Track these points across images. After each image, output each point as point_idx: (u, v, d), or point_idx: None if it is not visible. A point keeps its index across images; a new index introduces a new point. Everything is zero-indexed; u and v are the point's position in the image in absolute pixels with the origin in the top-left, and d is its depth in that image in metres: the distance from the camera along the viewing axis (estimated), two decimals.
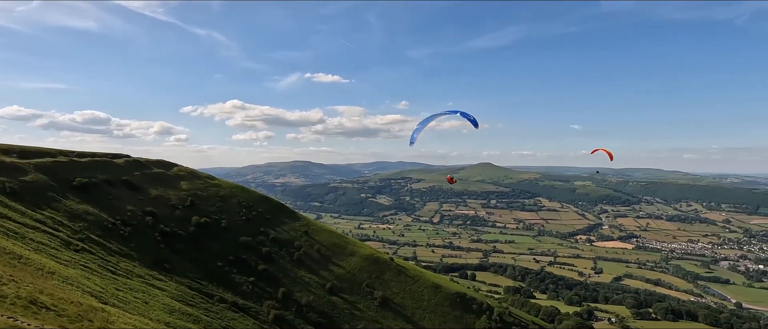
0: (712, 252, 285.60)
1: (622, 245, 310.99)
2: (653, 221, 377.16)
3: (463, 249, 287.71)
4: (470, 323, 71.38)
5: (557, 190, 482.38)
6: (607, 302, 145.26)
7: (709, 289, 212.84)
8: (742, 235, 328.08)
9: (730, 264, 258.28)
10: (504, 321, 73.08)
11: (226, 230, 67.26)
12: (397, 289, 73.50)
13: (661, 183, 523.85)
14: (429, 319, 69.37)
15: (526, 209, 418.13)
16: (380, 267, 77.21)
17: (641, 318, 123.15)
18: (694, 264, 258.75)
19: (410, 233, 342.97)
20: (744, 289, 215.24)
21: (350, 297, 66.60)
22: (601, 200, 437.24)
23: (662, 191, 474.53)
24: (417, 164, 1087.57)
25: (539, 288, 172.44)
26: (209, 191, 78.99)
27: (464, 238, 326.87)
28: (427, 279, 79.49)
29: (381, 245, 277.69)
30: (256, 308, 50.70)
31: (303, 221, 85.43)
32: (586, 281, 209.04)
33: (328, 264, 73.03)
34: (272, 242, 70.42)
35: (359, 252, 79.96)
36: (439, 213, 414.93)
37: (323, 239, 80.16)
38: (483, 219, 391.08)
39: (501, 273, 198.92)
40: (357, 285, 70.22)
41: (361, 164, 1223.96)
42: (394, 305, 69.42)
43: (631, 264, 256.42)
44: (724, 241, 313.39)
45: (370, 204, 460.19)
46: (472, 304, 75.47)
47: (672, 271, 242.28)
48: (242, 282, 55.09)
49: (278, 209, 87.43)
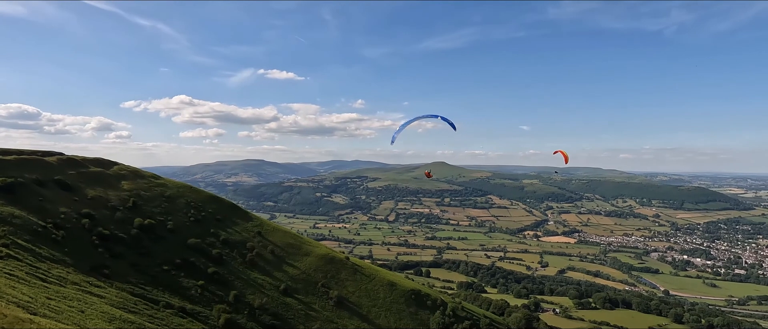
0: (644, 245, 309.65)
1: (565, 239, 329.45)
2: (593, 216, 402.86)
3: (418, 247, 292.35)
4: (424, 319, 72.72)
5: (507, 188, 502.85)
6: (552, 294, 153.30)
7: (641, 279, 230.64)
8: (669, 228, 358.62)
9: (659, 255, 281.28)
10: (457, 316, 75.10)
11: (172, 232, 63.98)
12: (352, 288, 73.37)
13: (600, 181, 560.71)
14: (384, 317, 69.88)
15: (478, 206, 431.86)
16: (336, 267, 76.72)
17: (582, 308, 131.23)
18: (629, 255, 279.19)
19: (366, 231, 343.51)
20: (671, 278, 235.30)
21: (305, 297, 65.65)
22: (547, 198, 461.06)
23: (601, 188, 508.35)
24: (373, 162, 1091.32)
25: (490, 283, 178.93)
26: (154, 191, 74.76)
27: (419, 236, 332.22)
28: (383, 277, 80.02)
29: (337, 244, 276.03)
30: (205, 312, 48.67)
31: (256, 222, 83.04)
32: (534, 274, 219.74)
33: (283, 264, 71.53)
34: (223, 244, 67.88)
35: (314, 252, 78.98)
36: (394, 212, 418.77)
37: (277, 240, 78.38)
38: (437, 217, 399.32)
39: (454, 269, 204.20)
40: (312, 286, 69.34)
41: (316, 162, 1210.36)
42: (350, 304, 69.27)
43: (574, 257, 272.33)
44: (654, 234, 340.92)
45: (325, 203, 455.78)
46: (426, 301, 76.89)
47: (609, 263, 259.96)
48: (190, 286, 52.66)
49: (229, 209, 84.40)
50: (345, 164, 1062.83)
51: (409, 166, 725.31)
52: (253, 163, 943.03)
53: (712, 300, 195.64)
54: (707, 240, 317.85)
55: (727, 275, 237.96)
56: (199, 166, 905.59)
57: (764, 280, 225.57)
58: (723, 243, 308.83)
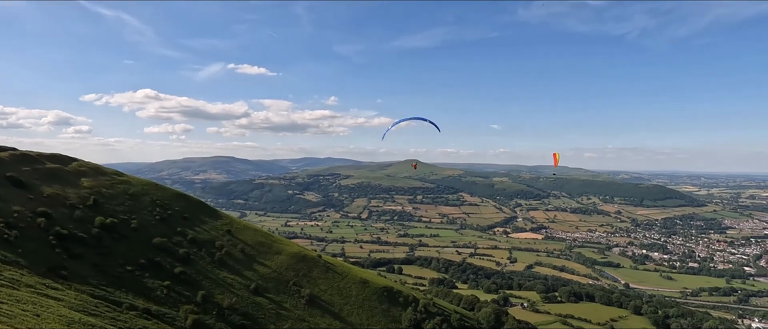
0: (606, 240, 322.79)
1: (533, 235, 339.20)
2: (560, 213, 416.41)
3: (391, 244, 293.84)
4: (396, 315, 73.27)
5: (478, 186, 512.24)
6: (520, 288, 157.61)
7: (604, 273, 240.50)
8: (630, 224, 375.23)
9: (621, 250, 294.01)
10: (428, 312, 76.05)
11: (136, 231, 61.66)
12: (325, 286, 72.99)
13: (566, 179, 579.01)
14: (357, 314, 69.94)
15: (449, 204, 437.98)
16: (308, 265, 76.08)
17: (549, 302, 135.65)
18: (592, 250, 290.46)
19: (339, 229, 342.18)
20: (631, 271, 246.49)
21: (276, 296, 64.80)
22: (516, 195, 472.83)
23: (567, 186, 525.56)
24: (346, 160, 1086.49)
25: (461, 279, 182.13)
26: (116, 188, 71.80)
27: (392, 233, 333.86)
28: (355, 275, 80.00)
29: (309, 242, 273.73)
30: (171, 314, 47.24)
31: (225, 220, 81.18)
32: (503, 270, 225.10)
33: (253, 263, 70.30)
34: (190, 243, 66.01)
35: (286, 250, 78.03)
36: (367, 209, 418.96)
37: (247, 238, 76.91)
38: (410, 214, 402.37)
39: (426, 265, 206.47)
40: (283, 284, 68.51)
41: (288, 160, 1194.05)
42: (322, 302, 68.91)
43: (541, 253, 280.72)
44: (615, 230, 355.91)
45: (297, 201, 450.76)
46: (398, 297, 77.45)
47: (574, 258, 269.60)
48: (156, 287, 50.96)
49: (197, 207, 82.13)
50: (318, 162, 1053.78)
51: (383, 164, 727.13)
52: (222, 160, 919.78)
53: (668, 292, 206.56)
54: (664, 235, 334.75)
55: (681, 268, 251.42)
56: (165, 162, 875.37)
57: (715, 272, 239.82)
58: (678, 238, 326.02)
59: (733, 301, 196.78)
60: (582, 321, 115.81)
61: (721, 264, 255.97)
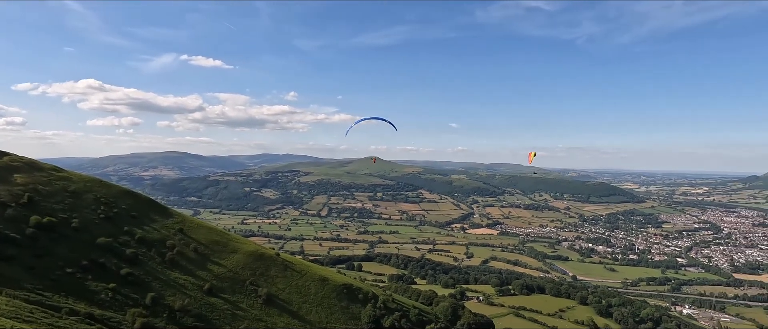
0: (556, 235, 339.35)
1: (489, 231, 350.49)
2: (514, 209, 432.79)
3: (351, 241, 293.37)
4: (356, 313, 73.33)
5: (437, 183, 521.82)
6: (476, 282, 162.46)
7: (554, 266, 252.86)
8: (577, 220, 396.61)
9: (569, 244, 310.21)
10: (387, 308, 76.70)
11: (78, 231, 57.62)
12: (283, 285, 71.73)
13: (520, 177, 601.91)
14: (316, 312, 69.32)
15: (409, 201, 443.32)
16: (265, 263, 74.40)
17: (503, 295, 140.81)
18: (544, 245, 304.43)
19: (297, 227, 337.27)
20: (578, 264, 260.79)
21: (232, 296, 62.91)
22: (473, 192, 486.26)
23: (521, 183, 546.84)
24: (305, 157, 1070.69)
25: (420, 274, 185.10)
26: (55, 185, 66.77)
27: (352, 230, 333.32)
28: (315, 273, 79.20)
29: (267, 240, 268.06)
30: (117, 318, 44.64)
31: (177, 218, 77.65)
32: (460, 265, 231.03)
33: (207, 263, 67.80)
34: (139, 243, 62.59)
35: (242, 249, 75.87)
36: (327, 206, 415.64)
37: (201, 237, 74.04)
38: (370, 211, 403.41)
39: (386, 262, 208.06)
40: (240, 284, 66.62)
41: (245, 156, 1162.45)
42: (280, 301, 67.70)
43: (496, 248, 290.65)
44: (565, 225, 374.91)
45: (255, 198, 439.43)
46: (358, 294, 77.53)
47: (527, 252, 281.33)
48: (100, 290, 47.91)
49: (147, 205, 77.99)
50: (276, 158, 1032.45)
51: (343, 160, 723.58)
52: (174, 155, 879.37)
53: (611, 283, 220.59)
54: (608, 230, 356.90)
55: (623, 260, 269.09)
56: (111, 158, 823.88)
57: (652, 264, 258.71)
58: (621, 232, 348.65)
59: (667, 290, 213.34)
60: (533, 312, 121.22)
61: (658, 256, 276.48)
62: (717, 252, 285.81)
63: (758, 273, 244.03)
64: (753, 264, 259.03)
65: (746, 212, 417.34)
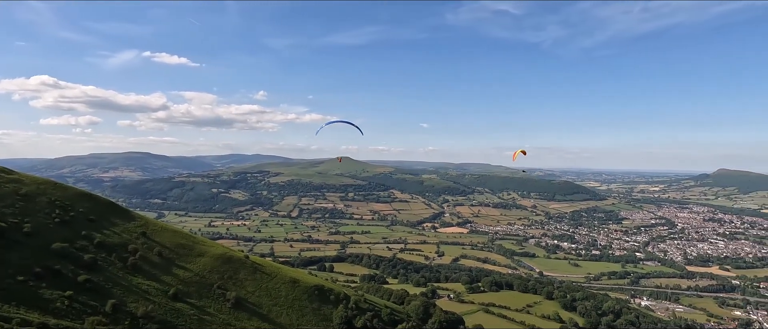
0: (524, 232, 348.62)
1: (459, 230, 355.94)
2: (483, 208, 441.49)
3: (322, 242, 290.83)
4: (328, 314, 72.78)
5: (408, 183, 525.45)
6: (447, 281, 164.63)
7: (521, 262, 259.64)
8: (544, 217, 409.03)
9: (536, 241, 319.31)
10: (359, 309, 76.57)
11: (30, 236, 54.39)
12: (252, 288, 70.27)
13: (489, 176, 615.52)
14: (286, 315, 68.32)
15: (380, 201, 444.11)
16: (234, 266, 72.66)
17: (473, 292, 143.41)
18: (512, 242, 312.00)
19: (267, 228, 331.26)
20: (544, 260, 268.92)
21: (199, 301, 61.05)
22: (444, 192, 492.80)
23: (490, 182, 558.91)
24: (275, 157, 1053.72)
25: (392, 274, 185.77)
26: (4, 188, 62.82)
27: (323, 231, 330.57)
28: (285, 275, 78.05)
29: (235, 243, 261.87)
30: (75, 327, 42.45)
31: (140, 222, 74.64)
32: (431, 264, 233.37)
33: (172, 267, 65.51)
34: (98, 248, 59.73)
35: (210, 252, 73.79)
36: (297, 207, 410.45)
37: (166, 241, 71.47)
38: (341, 212, 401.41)
39: (357, 262, 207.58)
40: (207, 288, 64.75)
41: (212, 156, 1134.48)
42: (250, 304, 66.31)
43: (467, 246, 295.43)
44: (532, 223, 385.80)
45: (223, 200, 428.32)
46: (329, 295, 76.98)
47: (496, 250, 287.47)
48: (55, 298, 45.38)
49: (107, 208, 74.57)
50: (245, 159, 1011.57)
51: (314, 161, 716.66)
52: (136, 156, 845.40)
53: (575, 278, 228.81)
54: (572, 227, 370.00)
55: (586, 256, 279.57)
56: (67, 159, 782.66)
57: (613, 258, 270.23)
58: (584, 229, 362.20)
59: (626, 283, 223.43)
60: (502, 308, 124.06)
61: (618, 251, 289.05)
62: (672, 246, 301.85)
63: (708, 265, 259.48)
64: (704, 256, 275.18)
65: (698, 208, 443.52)
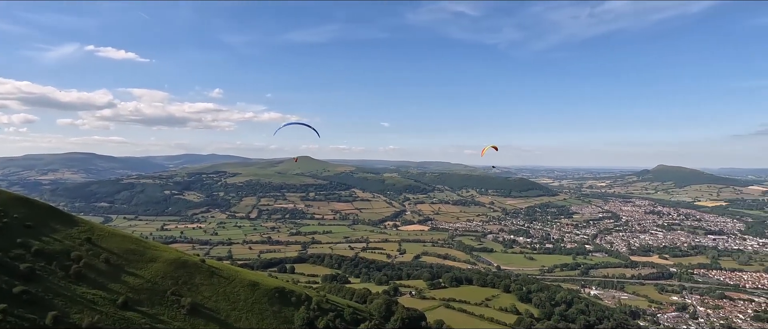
0: (482, 228, 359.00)
1: (420, 227, 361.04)
2: (443, 205, 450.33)
3: (283, 243, 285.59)
4: (289, 316, 71.47)
5: (369, 181, 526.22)
6: (409, 278, 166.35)
7: (480, 258, 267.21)
8: (501, 213, 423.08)
9: (494, 237, 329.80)
10: (322, 309, 75.78)
11: None
12: (209, 293, 67.69)
13: (449, 174, 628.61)
14: (246, 319, 66.42)
15: (342, 200, 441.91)
16: (189, 271, 69.65)
17: (434, 288, 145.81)
18: (471, 238, 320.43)
19: (225, 231, 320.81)
20: (502, 255, 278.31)
21: (151, 309, 58.04)
22: (405, 190, 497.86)
23: (450, 180, 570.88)
24: (232, 157, 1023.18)
25: (354, 273, 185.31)
26: None
27: (283, 232, 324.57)
28: (244, 278, 75.83)
29: (191, 246, 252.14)
30: None
31: (84, 227, 69.85)
32: (393, 262, 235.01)
33: (121, 274, 61.85)
34: (36, 256, 55.27)
35: (162, 257, 70.31)
36: (256, 208, 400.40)
37: (113, 246, 67.34)
38: (302, 212, 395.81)
39: (319, 262, 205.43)
40: (160, 295, 61.66)
41: (164, 156, 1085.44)
42: (206, 310, 63.84)
43: (428, 243, 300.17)
44: (490, 219, 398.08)
45: (176, 202, 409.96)
46: (290, 297, 75.64)
47: (456, 246, 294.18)
48: None
49: (46, 213, 69.22)
50: (200, 159, 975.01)
51: (273, 160, 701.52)
52: (79, 157, 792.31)
53: (530, 271, 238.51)
54: (527, 222, 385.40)
55: (540, 249, 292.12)
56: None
57: (565, 251, 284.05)
58: (538, 223, 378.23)
59: (577, 274, 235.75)
60: (463, 303, 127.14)
61: (569, 244, 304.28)
62: (617, 238, 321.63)
63: (649, 255, 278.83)
64: (646, 247, 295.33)
65: (640, 201, 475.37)
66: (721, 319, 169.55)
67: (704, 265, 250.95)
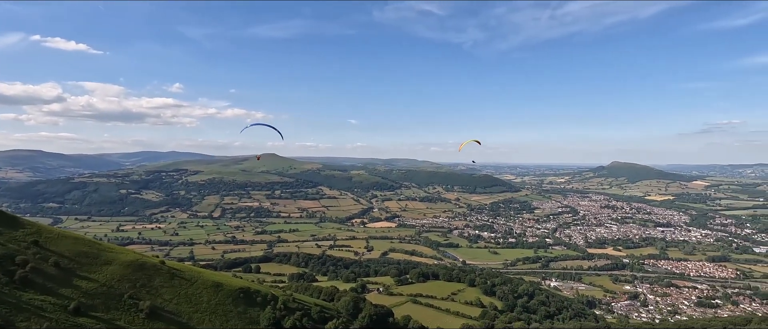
0: (448, 224, 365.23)
1: (388, 224, 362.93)
2: (410, 202, 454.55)
3: (247, 243, 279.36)
4: (255, 316, 70.10)
5: (337, 179, 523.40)
6: (376, 275, 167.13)
7: (446, 253, 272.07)
8: (466, 209, 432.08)
9: (459, 232, 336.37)
10: (288, 308, 74.82)
11: None
12: (170, 295, 65.26)
13: (415, 171, 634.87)
14: (209, 320, 64.56)
15: (309, 198, 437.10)
16: (147, 273, 66.86)
17: (401, 284, 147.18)
18: (437, 234, 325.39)
19: (186, 231, 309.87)
20: (467, 250, 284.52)
21: (106, 314, 55.30)
22: (373, 187, 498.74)
23: (417, 177, 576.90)
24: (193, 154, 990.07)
25: (321, 271, 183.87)
26: None
27: (248, 231, 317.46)
28: (207, 279, 73.63)
29: (149, 247, 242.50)
30: None
31: (30, 229, 65.54)
32: (361, 259, 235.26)
33: (73, 278, 58.52)
34: None
35: (118, 259, 67.09)
36: (220, 207, 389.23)
37: (64, 249, 63.58)
38: (268, 210, 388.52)
39: (285, 261, 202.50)
40: (116, 299, 58.84)
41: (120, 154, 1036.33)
42: (167, 313, 61.54)
43: (395, 240, 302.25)
44: (455, 215, 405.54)
45: (133, 201, 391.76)
46: (256, 297, 74.20)
47: (423, 242, 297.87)
48: None
49: None
50: (159, 156, 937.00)
51: (237, 158, 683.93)
52: (24, 154, 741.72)
53: (494, 264, 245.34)
54: (491, 217, 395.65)
55: (504, 243, 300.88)
56: None
57: (527, 245, 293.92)
58: (502, 219, 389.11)
59: (538, 267, 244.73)
60: (429, 298, 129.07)
61: (531, 238, 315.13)
62: (575, 232, 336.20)
63: (605, 247, 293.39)
64: (601, 239, 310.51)
65: (596, 196, 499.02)
66: (669, 306, 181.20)
67: (654, 256, 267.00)
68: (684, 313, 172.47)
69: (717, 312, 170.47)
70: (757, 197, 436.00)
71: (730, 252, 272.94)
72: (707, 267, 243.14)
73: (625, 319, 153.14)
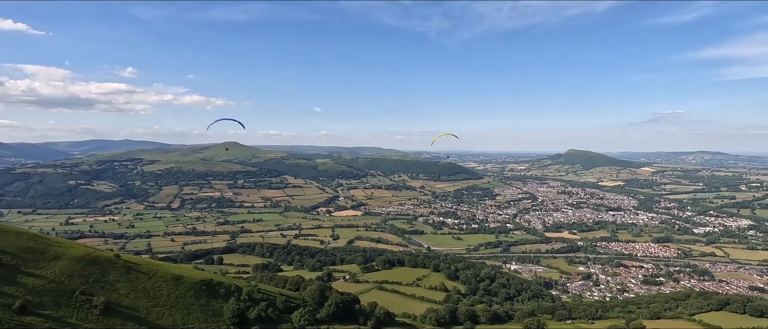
0: (413, 211, 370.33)
1: (353, 212, 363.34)
2: (376, 190, 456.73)
3: (209, 234, 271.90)
4: (218, 308, 68.58)
5: (301, 168, 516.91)
6: (343, 263, 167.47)
7: (412, 240, 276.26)
8: (431, 197, 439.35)
9: (424, 219, 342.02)
10: (253, 299, 73.69)
11: None
12: (126, 290, 62.55)
13: (381, 159, 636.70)
14: (169, 315, 62.54)
15: (273, 187, 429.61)
16: (101, 268, 63.68)
17: (368, 271, 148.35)
18: (403, 221, 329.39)
19: (143, 223, 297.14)
20: (432, 236, 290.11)
21: (56, 311, 52.34)
22: (338, 176, 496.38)
23: (382, 165, 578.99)
24: (149, 143, 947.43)
25: (286, 261, 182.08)
26: None
27: (210, 222, 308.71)
28: (166, 272, 71.08)
29: (103, 241, 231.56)
30: None
31: None
32: (327, 247, 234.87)
33: (18, 275, 54.84)
34: None
35: (68, 254, 63.42)
36: (179, 198, 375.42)
37: (6, 245, 59.36)
38: (230, 200, 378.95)
39: (249, 252, 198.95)
40: (67, 295, 55.74)
41: (67, 143, 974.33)
42: (123, 309, 59.02)
43: (361, 228, 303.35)
44: (420, 202, 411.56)
45: (83, 193, 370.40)
46: (219, 289, 72.51)
47: (388, 230, 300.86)
48: None
49: None
50: (111, 145, 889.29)
51: (196, 146, 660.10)
52: None
53: (458, 250, 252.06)
54: (455, 204, 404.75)
55: (467, 229, 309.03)
56: None
57: (489, 230, 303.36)
58: (465, 205, 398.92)
59: (499, 251, 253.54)
60: (395, 284, 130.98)
61: (493, 223, 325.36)
62: (534, 217, 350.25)
63: (561, 231, 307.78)
64: (558, 224, 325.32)
65: (554, 183, 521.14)
66: (618, 285, 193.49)
67: (605, 238, 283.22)
68: (631, 291, 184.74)
69: (660, 288, 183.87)
70: (697, 182, 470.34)
71: (672, 233, 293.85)
72: (653, 247, 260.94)
73: (578, 298, 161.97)
